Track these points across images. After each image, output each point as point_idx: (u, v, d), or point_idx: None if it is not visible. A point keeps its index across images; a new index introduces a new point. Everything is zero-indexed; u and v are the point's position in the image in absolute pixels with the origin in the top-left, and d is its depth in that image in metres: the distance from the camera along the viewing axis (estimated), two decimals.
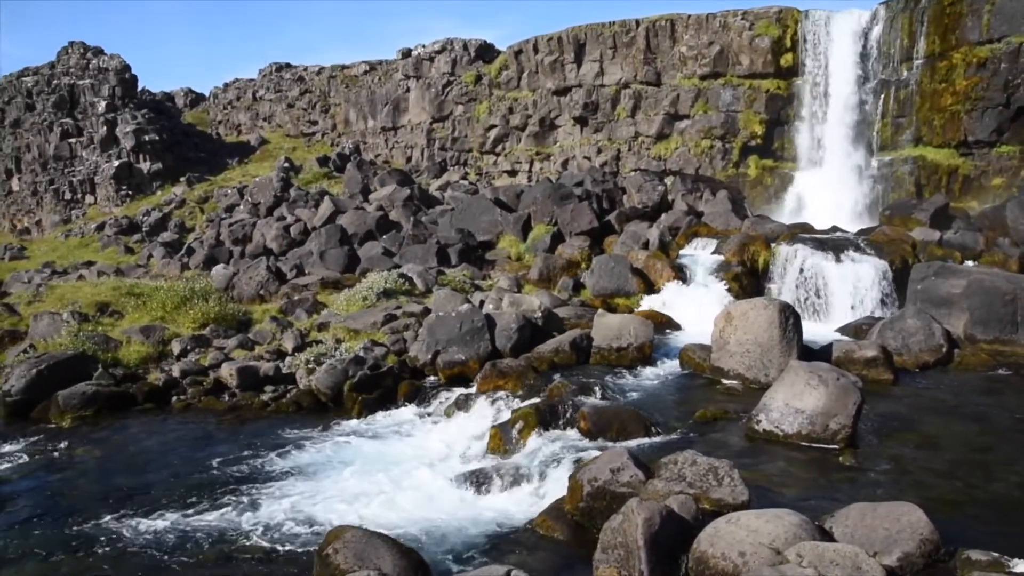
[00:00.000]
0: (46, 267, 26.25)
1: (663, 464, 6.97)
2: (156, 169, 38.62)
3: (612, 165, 28.11)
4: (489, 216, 21.41)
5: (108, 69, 41.86)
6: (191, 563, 6.75)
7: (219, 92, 50.94)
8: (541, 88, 31.08)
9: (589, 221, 19.46)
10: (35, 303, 18.04)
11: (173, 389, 12.14)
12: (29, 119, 43.93)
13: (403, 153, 36.84)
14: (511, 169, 32.01)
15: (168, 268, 23.60)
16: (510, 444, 8.87)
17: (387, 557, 6.12)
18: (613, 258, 16.46)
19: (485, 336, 12.05)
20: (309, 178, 33.33)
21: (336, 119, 41.95)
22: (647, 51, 27.74)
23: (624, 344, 11.76)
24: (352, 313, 14.54)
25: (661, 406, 9.75)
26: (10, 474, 9.04)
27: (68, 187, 40.60)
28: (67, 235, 36.07)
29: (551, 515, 7.10)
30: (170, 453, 9.68)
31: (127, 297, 16.29)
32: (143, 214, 34.21)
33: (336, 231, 21.47)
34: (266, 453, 9.45)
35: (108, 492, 8.41)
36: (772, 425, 8.36)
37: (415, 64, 36.61)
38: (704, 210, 20.33)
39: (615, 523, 5.77)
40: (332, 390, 11.39)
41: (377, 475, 8.58)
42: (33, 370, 11.70)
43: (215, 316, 14.74)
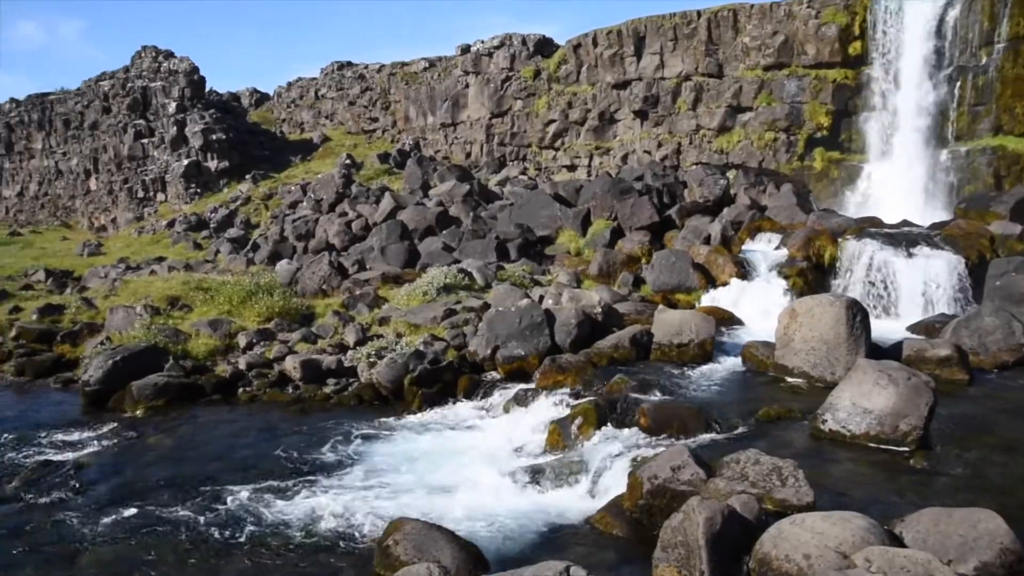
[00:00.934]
0: (121, 263, 27.24)
1: (725, 463, 6.85)
2: (223, 167, 39.71)
3: (673, 159, 27.73)
4: (548, 211, 21.37)
5: (178, 71, 43.20)
6: (256, 549, 6.92)
7: (283, 91, 52.08)
8: (600, 82, 30.84)
9: (649, 216, 19.23)
10: (111, 297, 18.78)
11: (239, 381, 12.46)
12: (106, 121, 45.70)
13: (462, 149, 37.04)
14: (570, 164, 31.88)
15: (234, 263, 24.24)
16: (569, 440, 8.84)
17: (446, 550, 6.18)
18: (674, 253, 16.24)
19: (544, 331, 12.03)
20: (370, 174, 33.79)
21: (396, 116, 42.42)
22: (708, 42, 27.25)
23: (685, 340, 11.59)
24: (412, 308, 14.69)
25: (722, 404, 9.59)
26: (90, 459, 9.41)
27: (141, 186, 42.08)
28: (140, 232, 37.39)
29: (610, 512, 7.06)
30: (237, 443, 9.95)
31: (196, 291, 16.80)
32: (211, 211, 35.20)
33: (396, 227, 21.71)
34: (328, 445, 9.63)
35: (178, 479, 8.69)
36: (838, 425, 8.12)
37: (474, 60, 36.74)
38: (768, 204, 19.88)
39: (675, 522, 5.69)
40: (392, 384, 11.53)
41: (436, 469, 8.66)
42: (109, 361, 12.16)
43: (279, 310, 15.09)
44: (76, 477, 8.79)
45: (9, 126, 55.43)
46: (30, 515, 7.81)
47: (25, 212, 54.50)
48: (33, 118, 53.16)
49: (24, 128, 54.34)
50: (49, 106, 51.82)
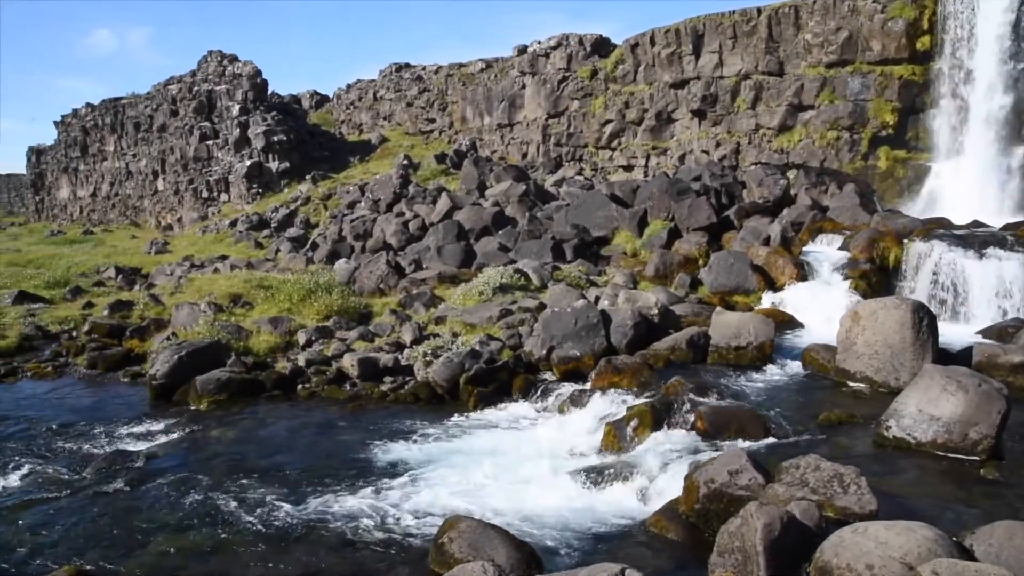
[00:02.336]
0: (186, 260, 28.05)
1: (784, 468, 6.72)
2: (284, 168, 40.58)
3: (731, 159, 27.28)
4: (604, 211, 21.27)
5: (241, 75, 44.31)
6: (313, 543, 7.06)
7: (342, 93, 52.97)
8: (658, 81, 30.55)
9: (707, 216, 18.98)
10: (176, 294, 19.39)
11: (298, 377, 12.70)
12: (173, 124, 47.17)
13: (519, 149, 37.12)
14: (627, 164, 31.65)
15: (294, 262, 24.74)
16: (624, 441, 8.79)
17: (501, 549, 6.20)
18: (732, 254, 15.99)
19: (600, 332, 11.98)
20: (427, 175, 34.11)
21: (453, 116, 42.75)
22: (769, 40, 26.73)
23: (743, 343, 11.41)
24: (468, 307, 14.79)
25: (781, 408, 9.41)
26: (157, 451, 9.74)
27: (205, 186, 43.30)
28: (204, 231, 38.45)
29: (665, 515, 6.99)
30: (296, 438, 10.16)
31: (257, 289, 17.22)
32: (272, 211, 36.00)
33: (453, 227, 21.87)
34: (385, 442, 9.76)
35: (239, 471, 8.91)
36: (903, 432, 7.89)
37: (531, 60, 36.78)
38: (829, 204, 19.43)
39: (733, 527, 5.61)
40: (448, 382, 11.62)
41: (491, 468, 8.69)
42: (175, 356, 12.53)
43: (338, 308, 15.36)
44: (144, 467, 9.10)
45: (84, 129, 57.70)
46: (102, 502, 8.12)
47: (98, 211, 56.65)
48: (106, 121, 55.23)
49: (98, 131, 56.51)
50: (121, 110, 53.76)
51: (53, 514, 7.86)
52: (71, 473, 8.98)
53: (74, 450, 9.89)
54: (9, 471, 9.07)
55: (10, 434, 10.65)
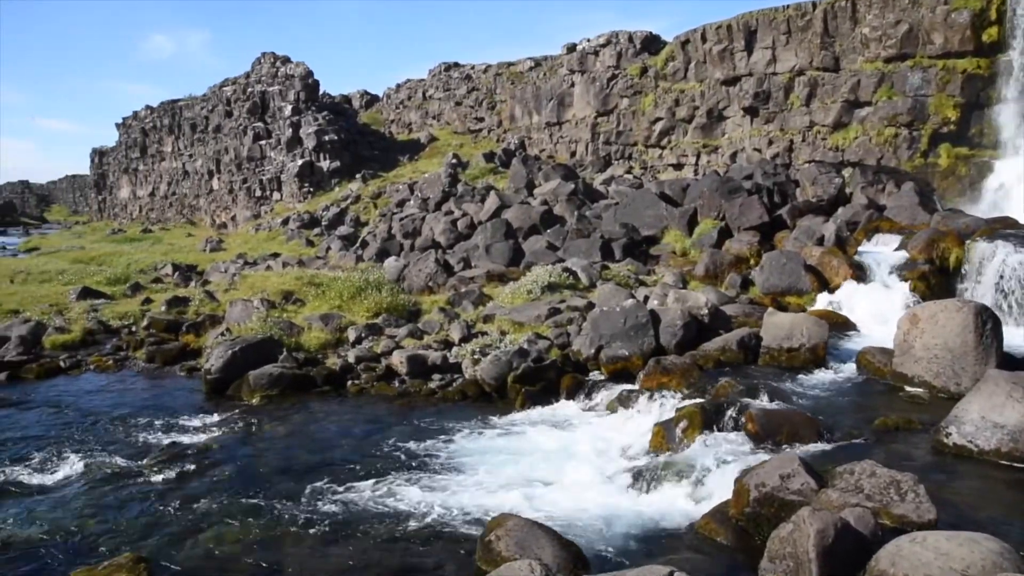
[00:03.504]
0: (239, 258, 28.65)
1: (838, 473, 6.57)
2: (334, 167, 41.17)
3: (784, 157, 26.78)
4: (654, 210, 21.08)
5: (294, 76, 45.08)
6: (362, 537, 7.14)
7: (391, 92, 53.51)
8: (709, 78, 30.15)
9: (759, 216, 18.67)
10: (230, 291, 19.82)
11: (348, 374, 12.87)
12: (228, 124, 48.24)
13: (567, 148, 37.02)
14: (677, 162, 31.33)
15: (344, 260, 25.09)
16: (673, 443, 8.70)
17: (547, 548, 6.19)
18: (785, 254, 15.69)
19: (649, 332, 11.88)
20: (475, 173, 34.25)
21: (502, 115, 42.83)
22: (824, 35, 26.14)
23: (795, 345, 11.19)
24: (516, 306, 14.81)
25: (835, 412, 9.19)
26: (211, 443, 9.96)
27: (258, 185, 44.17)
28: (257, 229, 39.23)
29: (714, 518, 6.89)
30: (345, 433, 10.29)
31: (308, 286, 17.52)
32: (322, 209, 36.56)
33: (501, 225, 21.93)
34: (433, 439, 9.83)
35: (291, 465, 9.06)
36: (965, 439, 7.64)
37: (580, 58, 36.64)
38: (886, 203, 18.92)
39: (784, 532, 5.51)
40: (496, 381, 11.65)
41: (538, 466, 8.69)
42: (229, 351, 12.80)
43: (387, 306, 15.53)
44: (199, 459, 9.32)
45: (144, 131, 59.41)
46: (159, 492, 8.34)
47: (156, 210, 58.27)
48: (164, 123, 56.78)
49: (156, 133, 58.13)
50: (178, 111, 55.21)
51: (114, 502, 8.11)
52: (131, 463, 9.25)
53: (133, 441, 10.18)
54: (74, 459, 9.39)
55: (75, 424, 11.02)
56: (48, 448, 9.90)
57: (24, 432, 10.66)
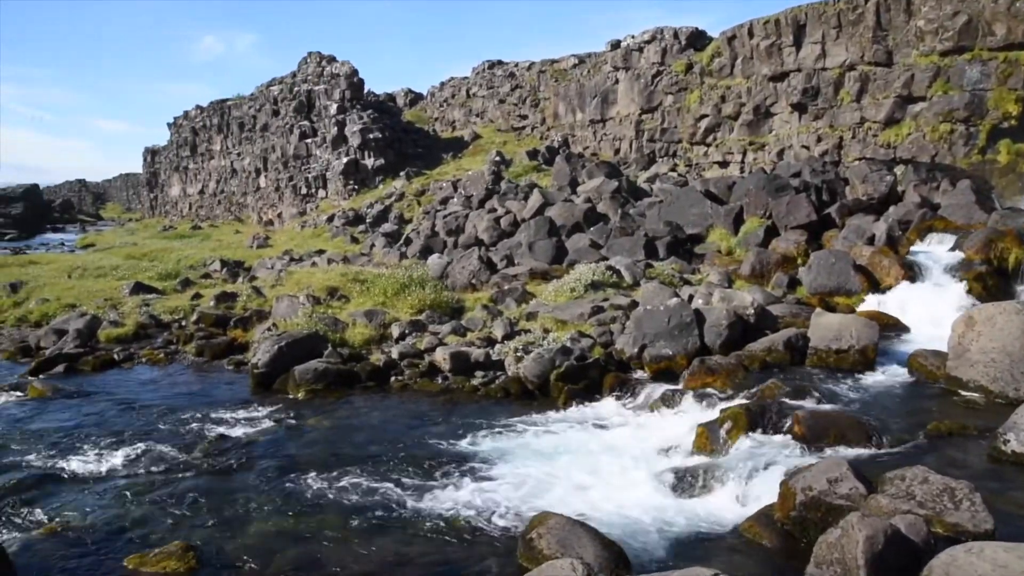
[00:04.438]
0: (285, 255, 29.11)
1: (888, 479, 6.41)
2: (379, 165, 41.56)
3: (833, 154, 26.23)
4: (698, 208, 20.85)
5: (339, 74, 45.61)
6: (403, 531, 7.19)
7: (435, 91, 53.82)
8: (756, 74, 29.67)
9: (807, 214, 18.33)
10: (277, 286, 20.15)
11: (392, 370, 12.98)
12: (274, 123, 49.02)
13: (611, 145, 36.81)
14: (722, 160, 30.91)
15: (388, 257, 25.32)
16: (717, 444, 8.59)
17: (589, 547, 6.16)
18: (833, 253, 15.37)
19: (694, 331, 11.75)
20: (519, 171, 34.26)
21: (545, 113, 42.76)
22: (877, 28, 25.51)
23: (844, 346, 10.95)
24: (560, 304, 14.77)
25: (885, 415, 8.96)
26: (257, 436, 10.14)
27: (304, 183, 44.81)
28: (302, 226, 39.81)
29: (759, 521, 6.78)
30: (389, 429, 10.38)
31: (353, 283, 17.71)
32: (367, 206, 36.93)
33: (544, 223, 21.90)
34: (475, 436, 9.86)
35: (334, 459, 9.16)
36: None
37: (624, 55, 36.38)
38: (941, 202, 18.40)
39: (832, 537, 5.39)
40: (539, 378, 11.63)
41: (579, 465, 8.66)
42: (275, 346, 13.02)
43: (430, 303, 15.62)
44: (246, 452, 9.50)
45: (194, 130, 60.71)
46: (207, 482, 8.52)
47: (205, 208, 59.51)
48: (213, 122, 57.94)
49: (206, 132, 59.35)
50: (227, 111, 56.29)
51: (164, 491, 8.31)
52: (180, 454, 9.47)
53: (183, 432, 10.42)
54: (126, 449, 9.65)
55: (127, 415, 11.33)
56: (102, 438, 10.19)
57: (80, 422, 11.00)
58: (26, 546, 6.96)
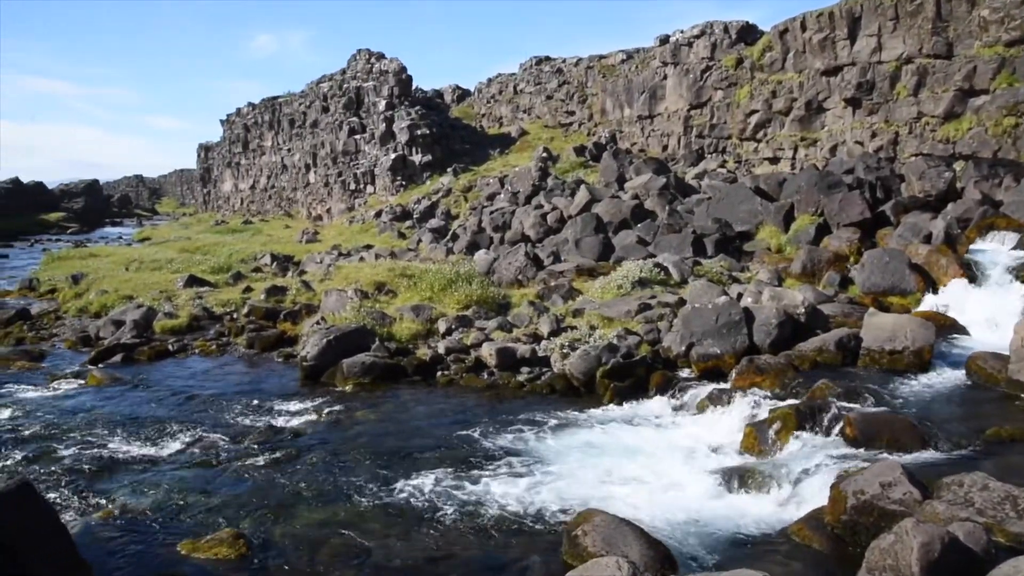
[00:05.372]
0: (334, 249, 29.50)
1: (945, 485, 6.24)
2: (426, 161, 41.81)
3: (888, 150, 25.56)
4: (748, 205, 20.53)
5: (388, 71, 45.99)
6: (448, 525, 7.24)
7: (483, 87, 53.91)
8: (808, 69, 29.07)
9: (860, 211, 17.91)
10: (325, 281, 20.43)
11: (438, 365, 13.07)
12: (324, 120, 49.66)
13: (659, 141, 36.45)
14: (773, 156, 30.37)
15: (435, 252, 25.47)
16: (765, 444, 8.46)
17: (634, 545, 6.13)
18: (888, 252, 14.99)
19: (742, 330, 11.58)
20: (566, 167, 34.15)
21: (593, 109, 42.53)
22: (936, 19, 24.74)
23: (898, 347, 10.67)
24: (606, 301, 14.70)
25: (941, 419, 8.71)
26: (305, 428, 10.32)
27: (353, 178, 45.31)
28: (351, 221, 40.27)
29: (808, 524, 6.66)
30: (434, 423, 10.46)
31: (400, 278, 17.85)
32: (414, 202, 37.19)
33: (591, 219, 21.80)
34: (520, 431, 9.87)
35: (380, 452, 9.27)
36: None
37: (672, 50, 35.98)
38: (1004, 199, 17.78)
39: (885, 543, 5.26)
40: (585, 375, 11.60)
41: (625, 463, 8.61)
42: (324, 340, 13.21)
43: (477, 298, 15.67)
44: (294, 443, 9.67)
45: (246, 127, 61.88)
46: (257, 472, 8.69)
47: (256, 203, 60.62)
48: (265, 119, 58.96)
49: (258, 128, 60.43)
50: (278, 107, 57.23)
51: (215, 479, 8.51)
52: (230, 443, 9.68)
53: (233, 422, 10.65)
54: (179, 438, 9.91)
55: (181, 405, 11.63)
56: (157, 426, 10.48)
57: (136, 410, 11.32)
58: (87, 529, 7.20)
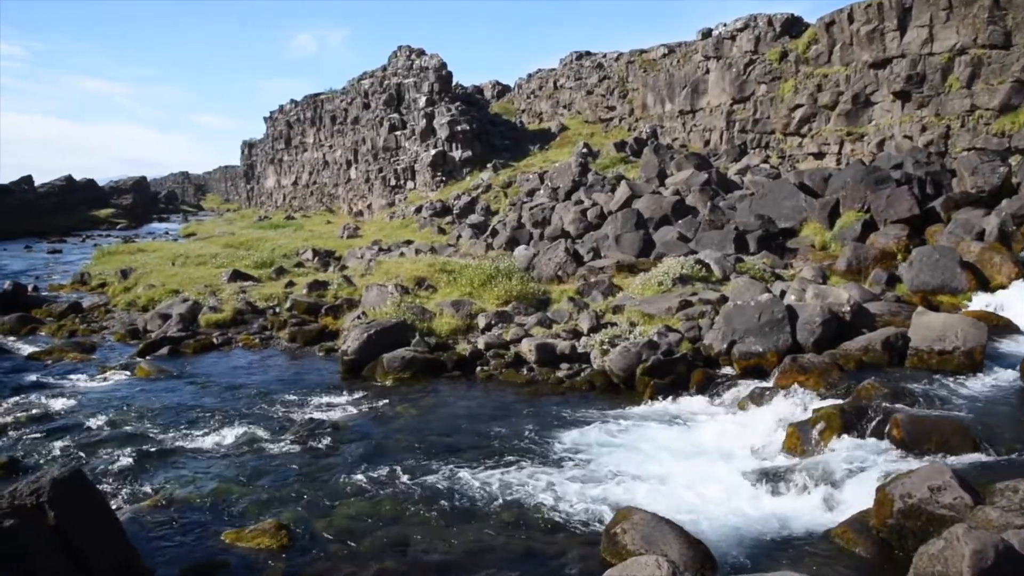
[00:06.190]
0: (374, 245, 29.77)
1: (999, 490, 6.06)
2: (466, 156, 41.93)
3: (939, 145, 24.92)
4: (792, 201, 20.19)
5: (428, 68, 46.19)
6: (486, 520, 7.25)
7: (523, 83, 53.86)
8: (855, 61, 28.47)
9: (908, 208, 17.49)
10: (366, 276, 20.63)
11: (478, 360, 13.10)
12: (365, 116, 50.10)
13: (701, 136, 36.05)
14: (817, 151, 29.82)
15: (475, 248, 25.54)
16: (808, 445, 8.31)
17: (674, 544, 6.08)
18: (938, 249, 14.62)
19: (785, 328, 11.40)
20: (606, 163, 33.97)
21: (633, 104, 42.21)
22: (994, 7, 23.99)
23: (948, 347, 10.40)
24: (647, 297, 14.59)
25: (993, 422, 8.46)
26: (345, 422, 10.42)
27: (393, 174, 45.65)
28: (391, 217, 40.59)
29: (852, 527, 6.54)
30: (473, 418, 10.48)
31: (440, 273, 17.95)
32: (454, 198, 37.33)
33: (632, 215, 21.65)
34: (559, 427, 9.85)
35: (419, 446, 9.32)
36: None
37: (715, 44, 35.52)
38: None
39: (934, 549, 5.12)
40: (625, 372, 11.52)
41: (665, 461, 8.53)
42: (364, 334, 13.33)
43: (517, 294, 15.68)
44: (335, 435, 9.77)
45: (288, 124, 62.74)
46: (298, 464, 8.81)
47: (298, 199, 61.45)
48: (307, 116, 59.72)
49: (300, 125, 61.23)
50: (319, 105, 57.93)
51: (257, 470, 8.64)
52: (273, 435, 9.82)
53: (276, 415, 10.80)
54: (223, 430, 10.09)
55: (225, 397, 11.84)
56: (201, 417, 10.69)
57: (182, 402, 11.56)
58: (135, 518, 7.36)
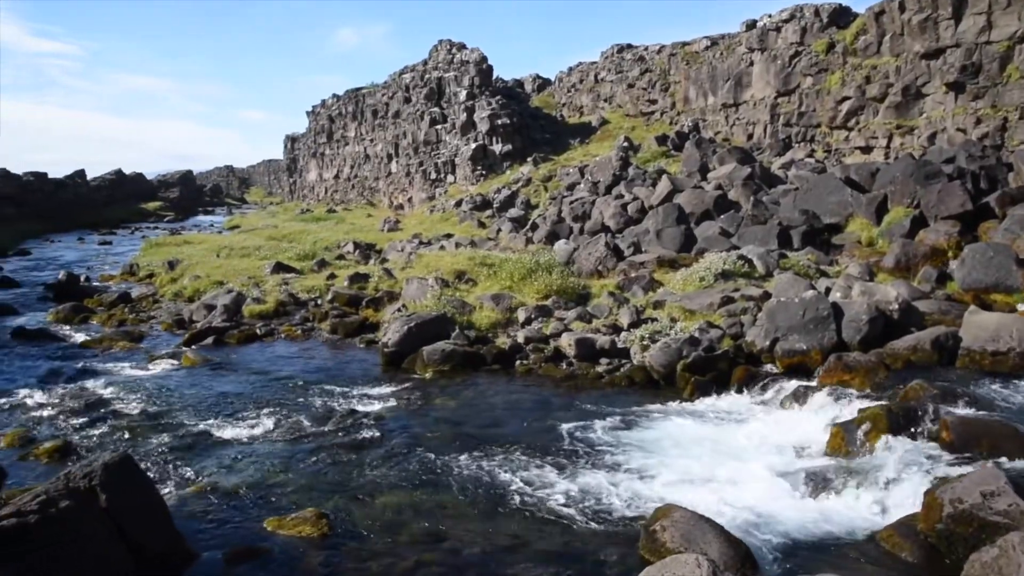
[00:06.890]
0: (415, 238, 29.93)
1: None
2: (506, 150, 41.92)
3: (995, 138, 24.17)
4: (838, 196, 19.79)
5: (468, 61, 46.26)
6: (525, 515, 7.24)
7: (563, 76, 53.60)
8: (906, 52, 27.75)
9: (960, 203, 17.00)
10: (406, 269, 20.76)
11: (517, 354, 13.10)
12: (406, 110, 50.39)
13: (744, 130, 35.51)
14: (865, 145, 29.16)
15: (514, 242, 25.54)
16: (853, 446, 8.15)
17: (714, 543, 6.01)
18: (992, 246, 14.19)
19: (830, 326, 11.18)
20: (647, 157, 33.67)
21: (675, 97, 41.75)
22: None
23: (1002, 348, 10.11)
24: (688, 293, 14.44)
25: None
26: (385, 413, 10.51)
27: (433, 168, 45.85)
28: (431, 210, 40.77)
29: (899, 531, 6.39)
30: (513, 411, 10.49)
31: (480, 267, 17.98)
32: (494, 192, 37.36)
33: (673, 210, 21.43)
34: (598, 423, 9.80)
35: (458, 439, 9.36)
36: None
37: (760, 36, 34.93)
38: None
39: (987, 556, 4.99)
40: (665, 368, 11.42)
41: (705, 459, 8.44)
42: (405, 327, 13.43)
43: (557, 288, 15.64)
44: (375, 427, 9.85)
45: (330, 118, 63.40)
46: (339, 454, 8.90)
47: (339, 192, 62.12)
48: (348, 110, 60.29)
49: (341, 119, 61.84)
50: (361, 99, 58.43)
51: (298, 460, 8.76)
52: (314, 425, 9.95)
53: (317, 405, 10.94)
54: (266, 419, 10.25)
55: (268, 387, 12.02)
56: (245, 406, 10.87)
57: (226, 390, 11.77)
58: (181, 503, 7.52)
